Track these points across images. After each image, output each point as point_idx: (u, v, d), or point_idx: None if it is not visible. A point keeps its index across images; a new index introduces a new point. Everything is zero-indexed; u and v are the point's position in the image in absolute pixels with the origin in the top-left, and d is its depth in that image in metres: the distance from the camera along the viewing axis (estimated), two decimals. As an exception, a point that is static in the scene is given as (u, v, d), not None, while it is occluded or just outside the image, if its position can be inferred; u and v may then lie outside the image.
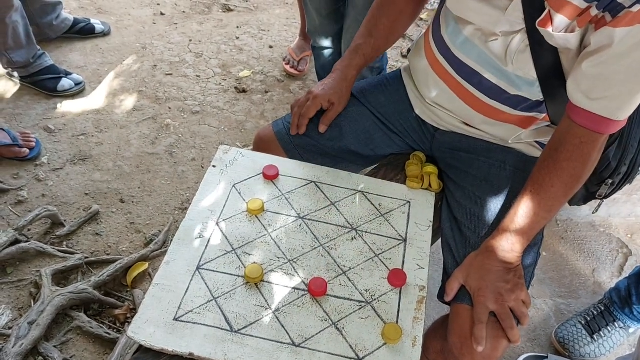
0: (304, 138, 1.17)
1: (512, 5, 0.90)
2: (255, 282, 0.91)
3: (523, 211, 0.93)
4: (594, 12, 0.82)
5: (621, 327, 1.49)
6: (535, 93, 0.99)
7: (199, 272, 0.92)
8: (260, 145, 1.20)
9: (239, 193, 1.06)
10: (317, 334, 0.85)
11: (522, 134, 1.06)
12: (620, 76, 0.82)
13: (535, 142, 1.10)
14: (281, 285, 0.92)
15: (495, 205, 1.03)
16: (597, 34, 0.83)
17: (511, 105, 1.03)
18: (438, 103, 1.11)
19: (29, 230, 1.63)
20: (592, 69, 0.84)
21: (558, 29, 0.86)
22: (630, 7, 0.78)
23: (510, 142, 1.08)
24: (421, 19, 2.73)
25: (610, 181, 1.10)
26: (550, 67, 0.93)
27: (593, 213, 1.29)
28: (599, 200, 1.20)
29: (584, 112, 0.88)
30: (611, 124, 0.87)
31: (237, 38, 2.54)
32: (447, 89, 1.08)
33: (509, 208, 0.97)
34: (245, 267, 0.93)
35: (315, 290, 0.90)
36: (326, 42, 1.87)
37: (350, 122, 1.17)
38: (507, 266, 0.93)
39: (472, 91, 1.04)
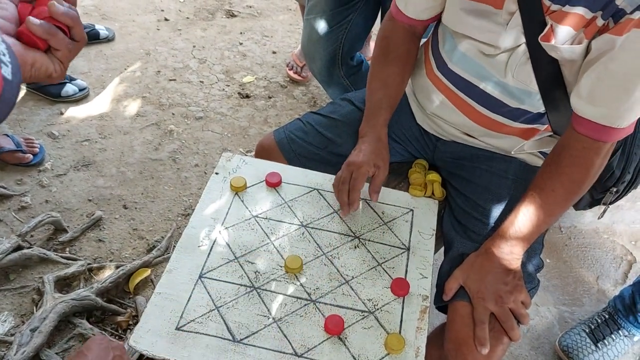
0: (305, 147, 1.16)
1: (512, 20, 0.89)
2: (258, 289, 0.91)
3: (524, 215, 0.93)
4: (600, 22, 0.82)
5: (625, 336, 1.49)
6: (536, 105, 0.99)
7: (202, 281, 0.92)
8: (262, 154, 1.20)
9: (242, 201, 1.06)
10: (319, 344, 0.85)
11: (524, 145, 1.06)
12: (619, 82, 0.82)
13: (538, 151, 1.10)
14: (284, 294, 0.92)
15: (496, 213, 1.03)
16: (598, 40, 0.83)
17: (512, 117, 1.02)
18: (439, 115, 1.11)
19: (31, 236, 1.63)
20: (592, 74, 0.84)
21: (563, 41, 0.86)
22: (631, 13, 0.78)
23: (512, 153, 1.08)
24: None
25: (615, 189, 1.09)
26: (551, 78, 0.93)
27: (598, 218, 1.29)
28: (604, 206, 1.20)
29: (585, 121, 0.88)
30: (613, 131, 0.87)
31: (241, 44, 2.55)
32: (448, 103, 1.07)
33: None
34: (247, 276, 0.93)
35: (332, 329, 0.86)
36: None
37: (352, 131, 1.16)
38: (507, 268, 0.93)
39: (472, 105, 1.04)
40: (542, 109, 0.99)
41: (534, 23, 0.87)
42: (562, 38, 0.85)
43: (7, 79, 0.49)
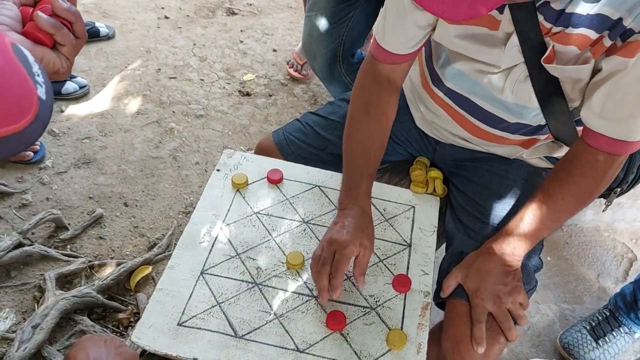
0: (305, 148, 1.16)
1: (509, 42, 0.87)
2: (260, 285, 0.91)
3: (529, 218, 0.92)
4: (607, 42, 0.80)
5: (626, 333, 1.49)
6: (534, 119, 0.98)
7: (203, 277, 0.92)
8: (262, 154, 1.20)
9: (243, 197, 1.06)
10: (321, 339, 0.85)
11: (524, 153, 1.06)
12: (632, 98, 0.81)
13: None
14: (285, 290, 0.92)
15: (496, 212, 1.03)
16: (609, 62, 0.81)
17: (511, 131, 1.02)
18: (437, 123, 1.11)
19: (32, 233, 1.63)
20: (603, 91, 0.83)
21: (566, 61, 0.84)
22: None
23: (513, 158, 1.08)
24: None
25: (619, 189, 1.09)
26: (551, 93, 0.92)
27: (603, 211, 1.29)
28: (605, 204, 1.20)
29: (598, 135, 0.86)
30: (626, 145, 0.86)
31: (241, 42, 2.55)
32: (446, 116, 1.07)
33: (510, 215, 0.97)
34: (249, 272, 0.93)
35: (334, 325, 0.87)
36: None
37: None
38: (507, 269, 0.93)
39: (470, 120, 1.04)
40: (541, 122, 0.99)
41: (533, 43, 0.85)
42: (566, 58, 0.84)
43: (42, 99, 0.51)
